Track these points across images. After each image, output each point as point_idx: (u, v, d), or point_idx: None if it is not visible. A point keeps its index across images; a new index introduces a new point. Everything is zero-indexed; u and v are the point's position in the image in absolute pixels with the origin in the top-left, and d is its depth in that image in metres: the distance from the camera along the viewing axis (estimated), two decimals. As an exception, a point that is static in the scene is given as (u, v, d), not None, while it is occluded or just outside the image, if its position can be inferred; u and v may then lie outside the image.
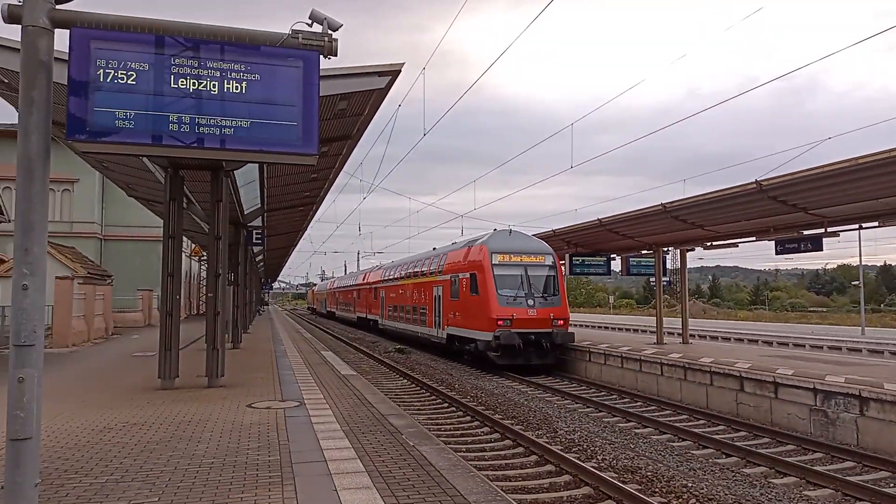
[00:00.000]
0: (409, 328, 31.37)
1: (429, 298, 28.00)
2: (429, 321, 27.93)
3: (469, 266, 23.36)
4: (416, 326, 29.97)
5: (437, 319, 26.63)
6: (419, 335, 29.60)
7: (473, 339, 22.44)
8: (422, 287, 29.41)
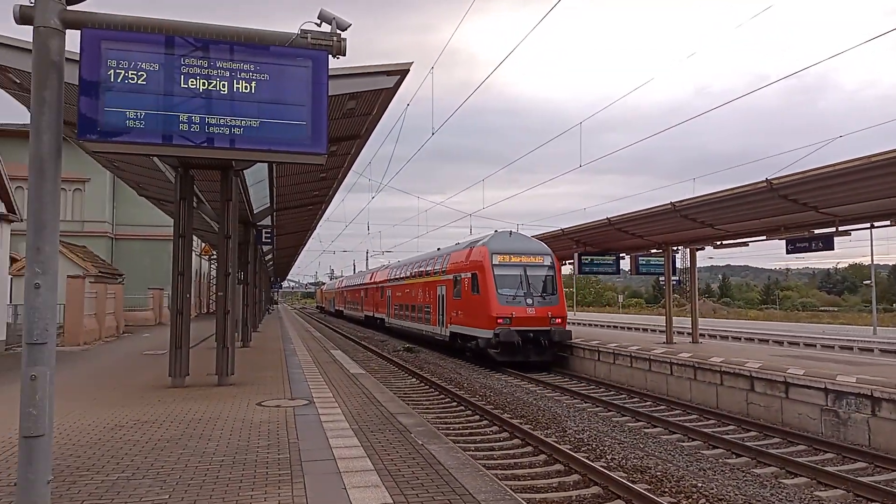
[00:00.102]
0: (415, 326, 31.96)
1: (433, 297, 28.60)
2: (433, 319, 28.53)
3: (470, 266, 23.93)
4: (421, 325, 30.60)
5: (441, 318, 27.19)
6: (424, 333, 30.14)
7: (475, 337, 22.96)
8: (426, 286, 30.01)
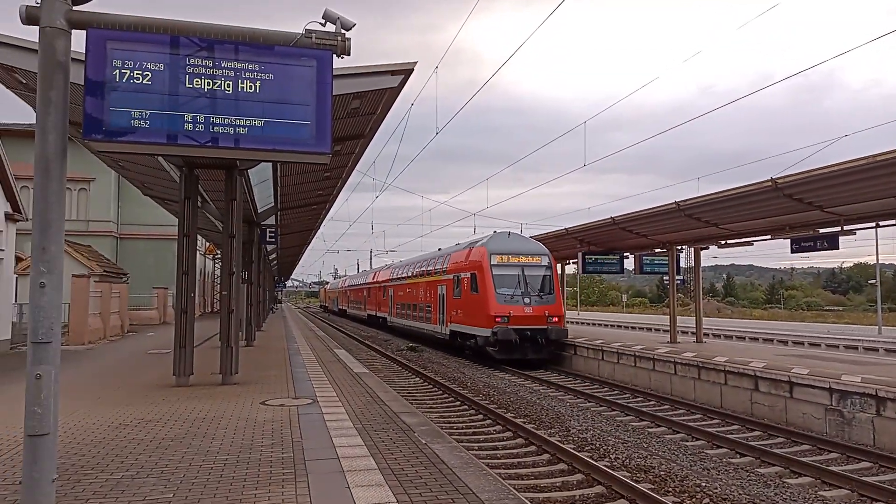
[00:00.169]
0: (416, 325, 32.52)
1: (433, 297, 29.14)
2: (434, 318, 29.03)
3: (470, 266, 24.50)
4: (422, 323, 31.12)
5: (442, 317, 27.71)
6: (425, 332, 30.67)
7: (474, 336, 23.51)
8: (427, 286, 30.59)
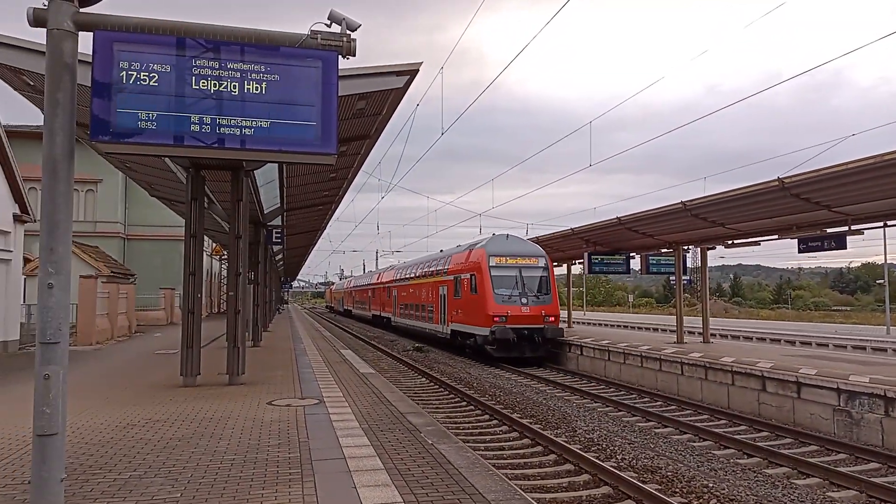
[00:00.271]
0: (419, 325, 33.41)
1: (435, 297, 29.97)
2: (435, 318, 29.90)
3: (469, 267, 25.34)
4: (425, 323, 31.99)
5: (443, 316, 28.55)
6: (427, 331, 31.57)
7: (473, 335, 24.37)
8: (429, 287, 31.49)
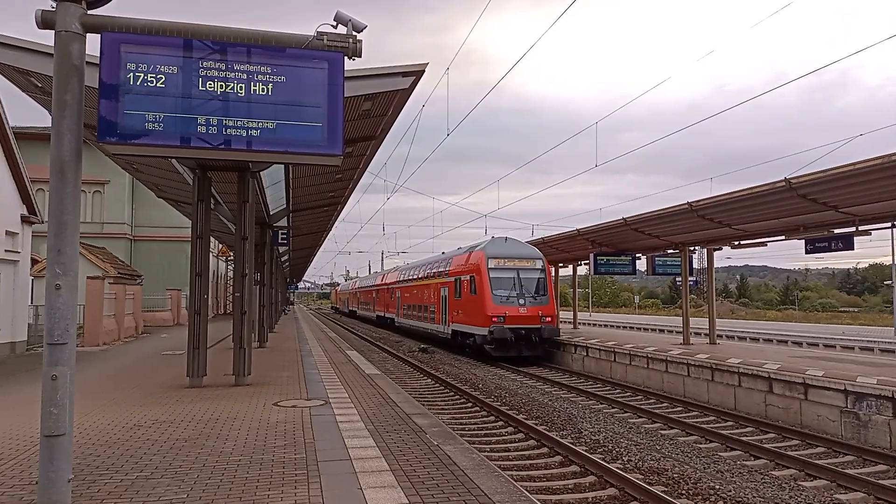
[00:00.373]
0: (421, 325, 34.32)
1: (437, 298, 30.87)
2: (437, 318, 30.77)
3: (469, 269, 26.17)
4: (427, 323, 32.88)
5: (444, 317, 29.38)
6: (429, 331, 32.41)
7: (472, 334, 25.20)
8: (431, 288, 32.39)
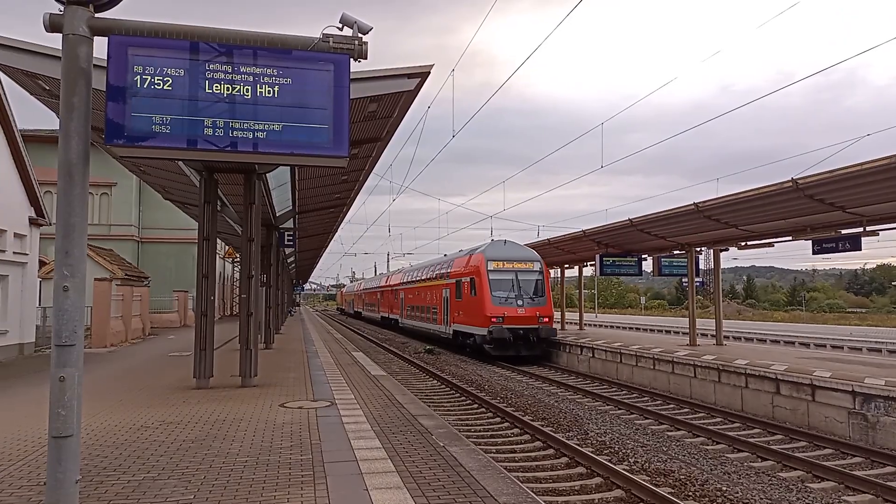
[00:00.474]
0: (424, 325, 35.25)
1: (439, 299, 31.78)
2: (439, 319, 31.68)
3: (469, 271, 26.97)
4: (429, 324, 33.79)
5: (446, 317, 30.27)
6: (431, 331, 33.32)
7: (473, 334, 26.00)
8: (433, 289, 33.26)
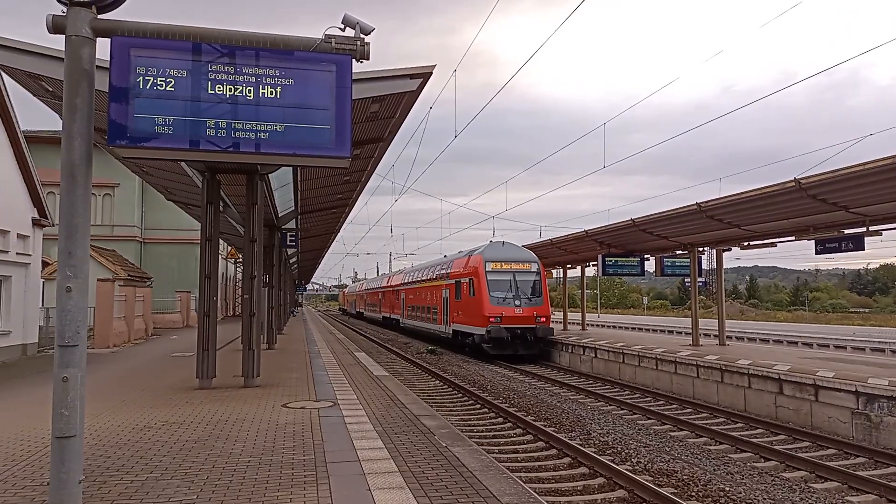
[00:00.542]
0: (424, 325, 35.81)
1: (438, 299, 32.33)
2: (439, 319, 32.23)
3: (468, 272, 27.49)
4: (430, 324, 34.34)
5: (445, 317, 30.80)
6: (432, 331, 33.87)
7: (472, 334, 26.54)
8: (433, 290, 33.82)
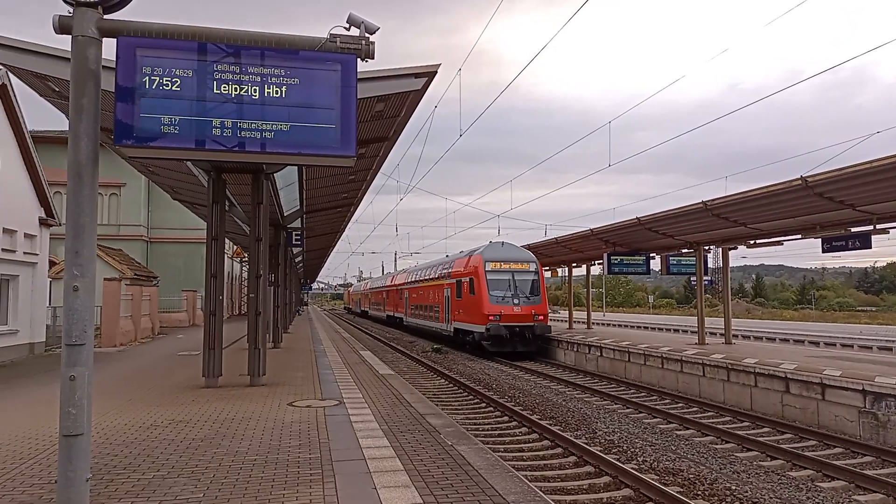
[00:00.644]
0: (426, 324, 36.56)
1: (440, 298, 33.06)
2: (440, 317, 32.93)
3: (468, 272, 28.19)
4: (432, 322, 35.15)
5: (447, 315, 31.49)
6: (433, 329, 34.61)
7: (472, 332, 27.24)
8: (435, 289, 34.53)
